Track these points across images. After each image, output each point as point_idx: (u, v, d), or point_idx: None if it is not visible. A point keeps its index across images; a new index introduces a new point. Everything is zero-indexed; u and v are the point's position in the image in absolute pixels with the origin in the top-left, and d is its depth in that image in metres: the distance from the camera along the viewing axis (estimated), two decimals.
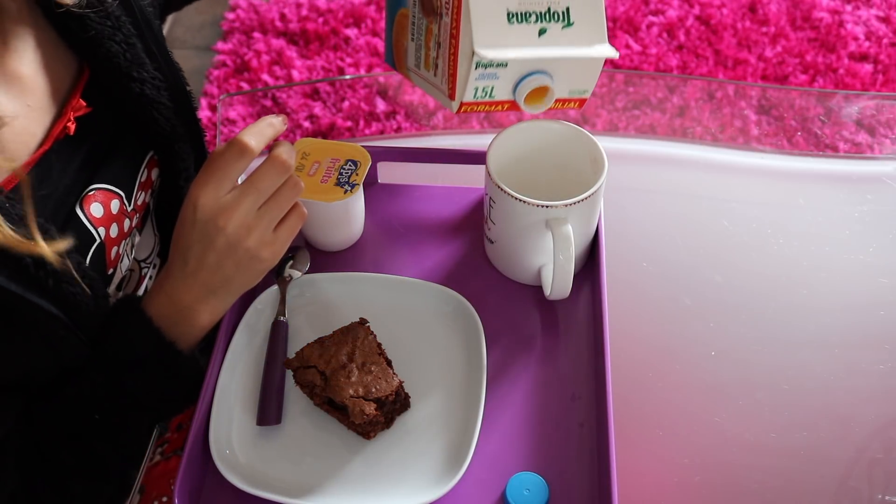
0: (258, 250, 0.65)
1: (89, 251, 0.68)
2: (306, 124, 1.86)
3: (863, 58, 1.99)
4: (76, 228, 0.66)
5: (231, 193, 0.63)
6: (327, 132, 1.84)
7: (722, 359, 0.78)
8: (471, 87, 0.62)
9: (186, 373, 0.68)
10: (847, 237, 0.89)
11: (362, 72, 1.99)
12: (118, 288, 0.74)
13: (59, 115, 0.67)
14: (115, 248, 0.71)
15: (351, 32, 2.06)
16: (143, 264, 0.80)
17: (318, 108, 1.88)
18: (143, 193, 0.76)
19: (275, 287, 0.76)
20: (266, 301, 0.76)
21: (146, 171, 0.76)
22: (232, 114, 1.88)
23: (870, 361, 0.78)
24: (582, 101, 0.69)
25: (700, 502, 0.71)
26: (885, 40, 2.02)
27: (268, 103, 1.91)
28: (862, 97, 1.16)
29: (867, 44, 2.01)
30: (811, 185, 0.99)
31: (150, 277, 0.82)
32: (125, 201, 0.72)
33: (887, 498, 0.71)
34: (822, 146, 1.03)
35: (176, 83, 0.77)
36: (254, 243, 0.65)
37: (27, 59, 0.66)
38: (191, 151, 0.80)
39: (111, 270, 0.71)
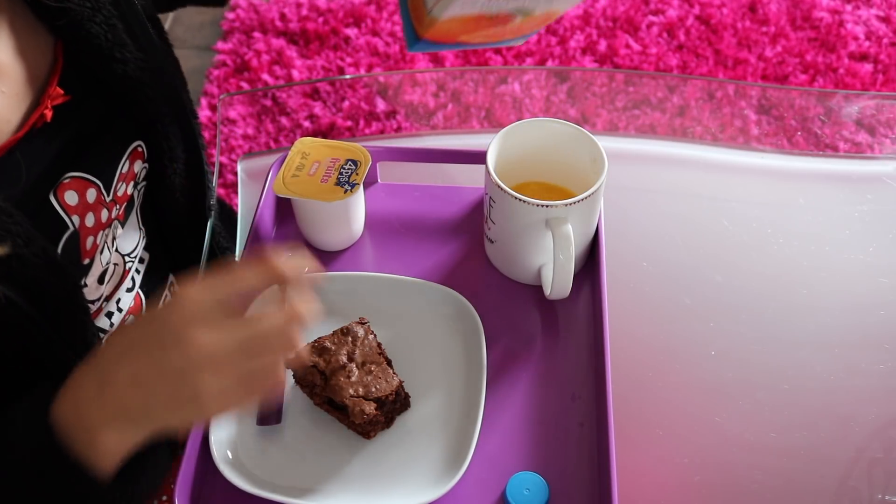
0: (208, 397, 0.50)
1: (61, 239, 0.67)
2: (306, 124, 1.86)
3: (863, 57, 1.99)
4: (48, 215, 0.65)
5: (220, 310, 0.52)
6: (327, 132, 1.84)
7: (722, 359, 0.78)
8: None
9: (77, 486, 0.54)
10: (847, 237, 0.89)
11: (362, 72, 1.99)
12: (100, 281, 0.74)
13: (36, 104, 0.66)
14: (91, 238, 0.70)
15: (351, 32, 2.06)
16: (127, 258, 0.79)
17: (318, 108, 1.88)
18: (125, 185, 0.75)
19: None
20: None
21: (128, 162, 0.75)
22: (232, 113, 1.88)
23: (870, 361, 0.78)
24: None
25: (700, 502, 0.71)
26: (886, 40, 2.02)
27: (268, 103, 1.91)
28: (862, 97, 1.16)
29: (867, 43, 2.01)
30: (811, 185, 0.99)
31: (137, 272, 0.81)
32: (103, 191, 0.71)
33: (887, 498, 0.70)
34: (822, 146, 1.03)
35: (162, 63, 0.76)
36: (208, 386, 0.50)
37: (2, 44, 0.64)
38: (178, 133, 0.79)
39: (87, 260, 0.70)
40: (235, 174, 0.99)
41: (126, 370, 0.51)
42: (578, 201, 0.70)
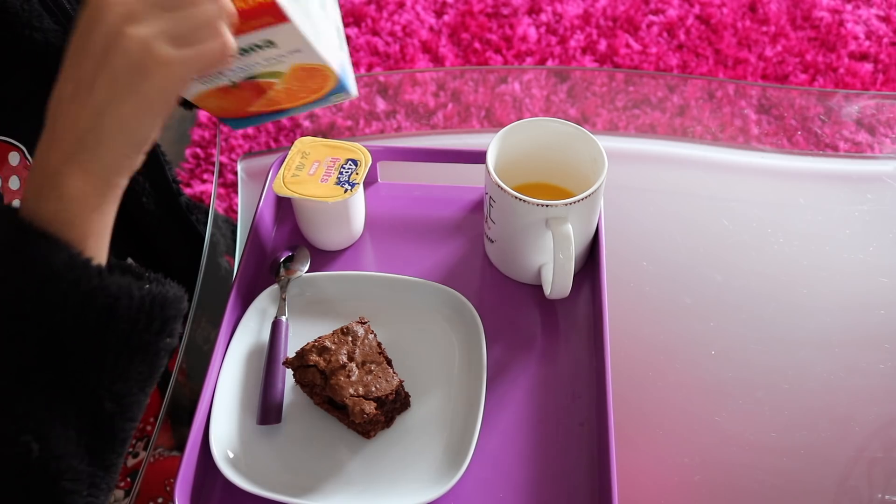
0: (146, 50, 0.45)
1: None
2: (306, 124, 1.86)
3: (863, 57, 1.99)
4: None
5: None
6: (327, 132, 1.83)
7: (722, 359, 0.78)
8: None
9: (54, 269, 0.46)
10: (847, 237, 0.89)
11: (362, 71, 1.99)
12: None
13: None
14: (17, 202, 0.69)
15: (351, 32, 2.06)
16: None
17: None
18: None
19: (275, 287, 0.76)
20: (266, 301, 0.76)
21: None
22: None
23: (870, 361, 0.78)
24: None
25: (700, 502, 0.71)
26: (886, 39, 2.02)
27: None
28: (862, 96, 1.16)
29: (867, 43, 2.01)
30: (811, 185, 0.99)
31: None
32: (27, 156, 0.70)
33: (887, 497, 0.70)
34: (822, 145, 1.03)
35: None
36: (143, 34, 0.45)
37: None
38: None
39: None
40: (235, 174, 0.99)
41: (67, 90, 0.47)
42: (578, 201, 0.70)
